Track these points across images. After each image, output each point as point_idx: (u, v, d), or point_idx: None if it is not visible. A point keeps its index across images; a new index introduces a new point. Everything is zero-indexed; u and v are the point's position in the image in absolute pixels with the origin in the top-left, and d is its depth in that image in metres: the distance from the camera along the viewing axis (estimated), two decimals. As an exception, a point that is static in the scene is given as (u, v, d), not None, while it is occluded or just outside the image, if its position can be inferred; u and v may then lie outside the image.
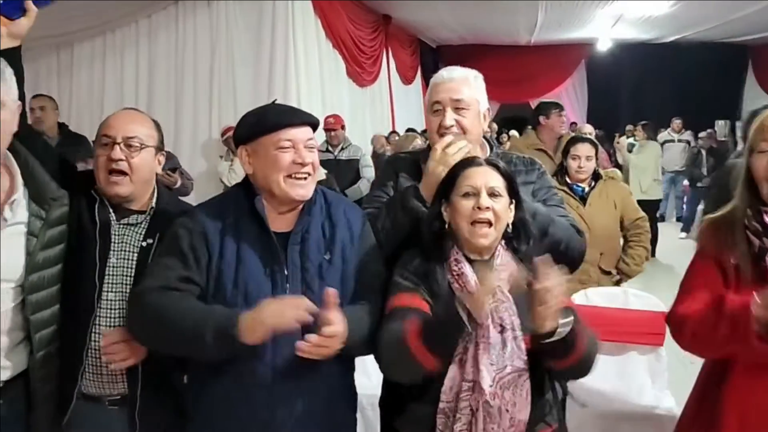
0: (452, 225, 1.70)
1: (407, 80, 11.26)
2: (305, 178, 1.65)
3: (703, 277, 1.72)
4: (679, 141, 10.77)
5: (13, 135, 1.61)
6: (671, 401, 2.95)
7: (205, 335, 1.50)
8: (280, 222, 1.69)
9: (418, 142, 5.00)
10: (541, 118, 4.94)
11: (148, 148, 1.83)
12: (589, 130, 7.50)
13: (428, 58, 13.26)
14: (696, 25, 11.26)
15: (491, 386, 1.57)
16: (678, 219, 10.96)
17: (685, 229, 10.07)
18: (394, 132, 8.45)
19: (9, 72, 1.62)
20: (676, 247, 8.60)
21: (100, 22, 6.50)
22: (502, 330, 1.60)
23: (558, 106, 5.00)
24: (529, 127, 5.17)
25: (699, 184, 10.04)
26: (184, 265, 1.61)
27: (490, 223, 1.63)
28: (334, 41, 7.22)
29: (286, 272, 1.65)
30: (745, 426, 1.63)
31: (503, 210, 1.66)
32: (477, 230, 1.64)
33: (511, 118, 13.81)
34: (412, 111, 11.03)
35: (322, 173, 5.41)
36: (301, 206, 1.70)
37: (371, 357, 1.73)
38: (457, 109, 1.92)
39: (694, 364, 1.89)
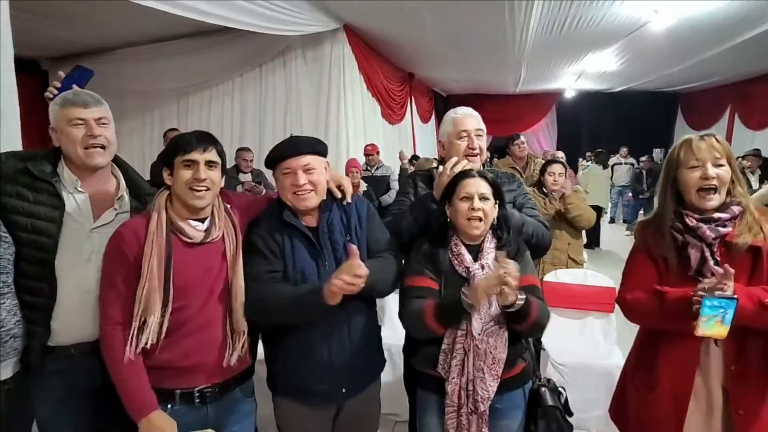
0: (452, 220, 1.69)
1: (425, 120, 11.21)
2: (304, 194, 1.63)
3: (638, 266, 1.67)
4: (625, 164, 10.52)
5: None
6: (619, 354, 2.87)
7: (301, 304, 1.56)
8: (311, 219, 1.70)
9: (434, 164, 5.01)
10: (508, 147, 4.98)
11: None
12: (560, 154, 7.37)
13: (440, 103, 13.20)
14: (638, 78, 11.04)
15: (480, 334, 1.58)
16: (624, 221, 10.69)
17: (629, 228, 9.82)
18: (415, 156, 8.42)
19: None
20: (622, 241, 8.42)
21: (207, 79, 6.64)
22: (488, 294, 1.58)
23: (517, 137, 4.87)
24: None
25: (640, 196, 9.90)
26: (267, 261, 1.63)
27: (480, 219, 1.62)
28: (373, 91, 7.22)
29: (323, 253, 1.66)
30: (672, 372, 1.59)
31: (490, 209, 1.66)
32: (471, 224, 1.63)
33: (500, 146, 13.75)
34: (428, 142, 10.97)
35: (364, 186, 5.43)
36: (319, 207, 1.69)
37: (399, 319, 1.73)
38: (477, 136, 1.93)
39: (636, 327, 1.82)
